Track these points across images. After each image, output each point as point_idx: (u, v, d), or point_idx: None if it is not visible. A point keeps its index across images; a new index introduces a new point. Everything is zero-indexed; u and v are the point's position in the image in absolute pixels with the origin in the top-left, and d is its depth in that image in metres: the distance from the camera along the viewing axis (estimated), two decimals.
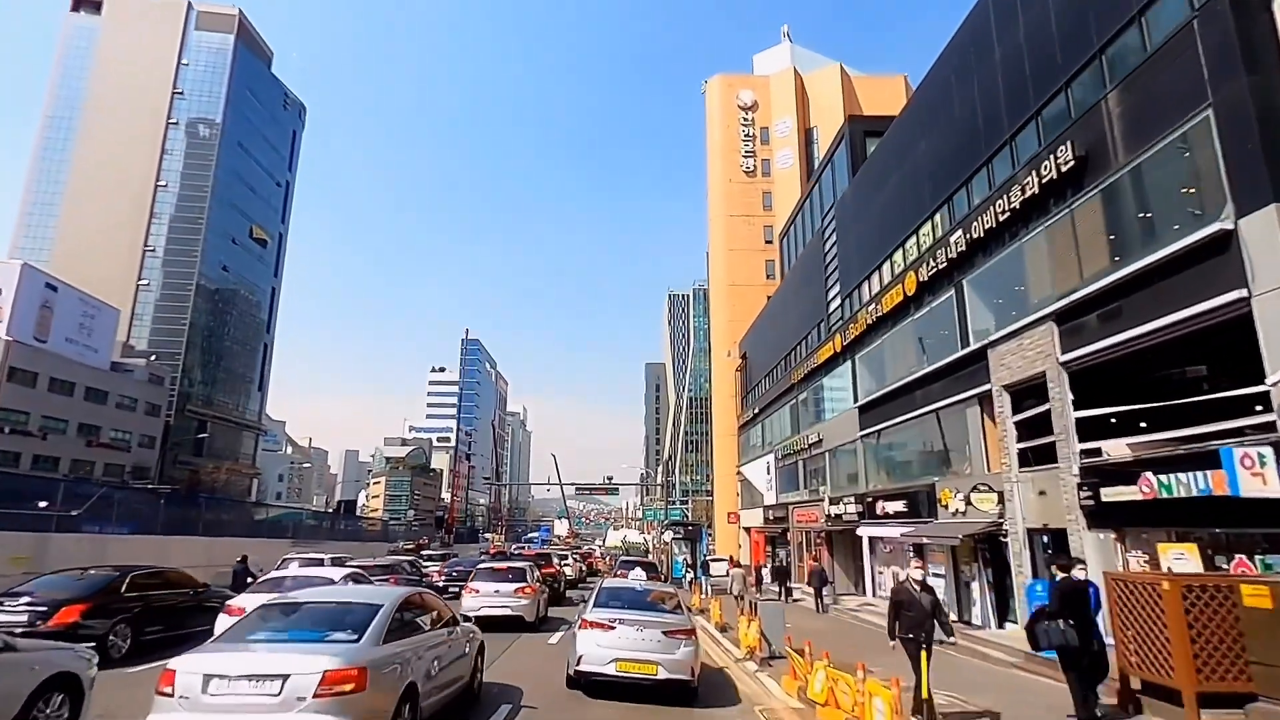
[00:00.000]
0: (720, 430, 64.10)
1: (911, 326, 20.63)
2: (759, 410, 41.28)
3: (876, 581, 23.48)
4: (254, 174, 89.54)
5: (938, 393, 18.62)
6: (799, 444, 32.01)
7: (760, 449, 41.16)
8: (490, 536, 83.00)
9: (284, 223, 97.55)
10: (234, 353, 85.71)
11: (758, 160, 68.29)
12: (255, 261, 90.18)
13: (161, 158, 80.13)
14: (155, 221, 78.58)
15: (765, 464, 39.16)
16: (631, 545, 70.18)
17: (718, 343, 66.02)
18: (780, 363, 37.26)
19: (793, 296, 35.99)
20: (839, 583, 27.19)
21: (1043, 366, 13.88)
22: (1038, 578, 13.59)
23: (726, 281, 65.22)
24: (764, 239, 66.27)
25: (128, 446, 65.88)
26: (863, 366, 24.95)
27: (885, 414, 22.33)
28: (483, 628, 15.89)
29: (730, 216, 66.79)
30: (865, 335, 24.24)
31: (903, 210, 21.61)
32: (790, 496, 34.07)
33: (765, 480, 39.17)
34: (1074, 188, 13.26)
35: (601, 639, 9.36)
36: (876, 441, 23.59)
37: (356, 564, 17.10)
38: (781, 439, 35.81)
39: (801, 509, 31.36)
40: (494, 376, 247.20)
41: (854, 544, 26.25)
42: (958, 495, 17.11)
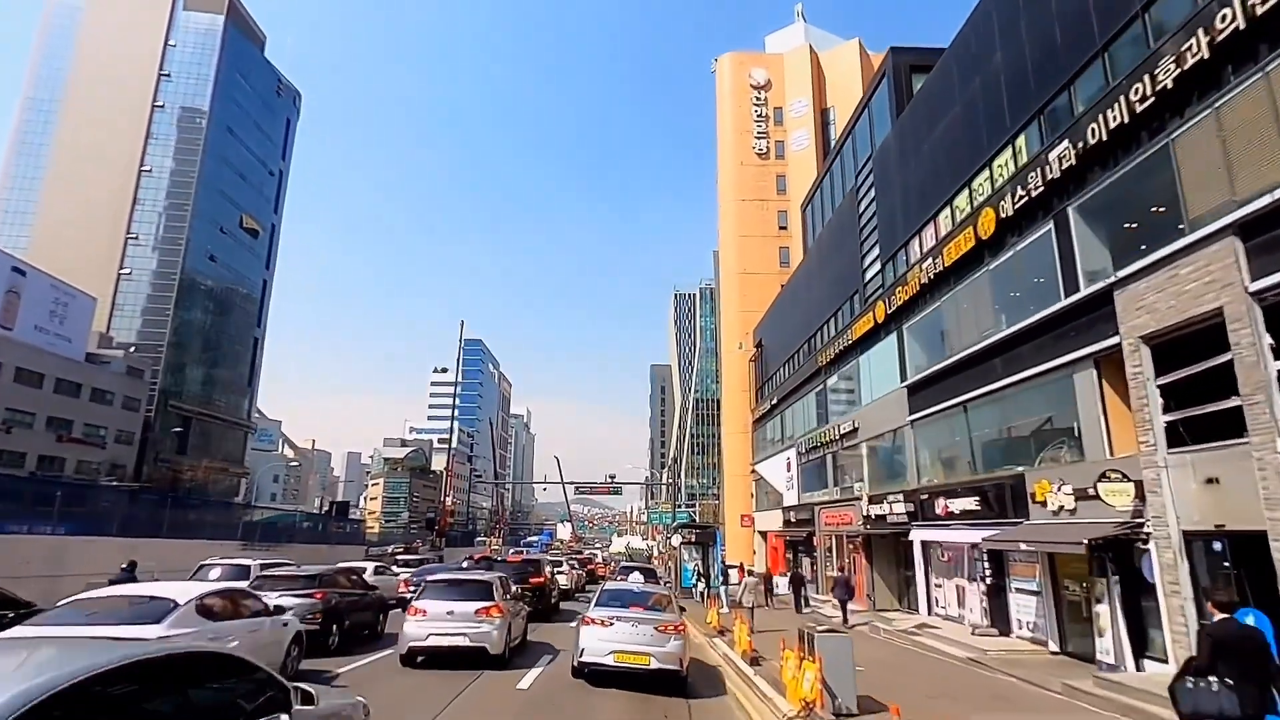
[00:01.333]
0: (730, 428, 60.08)
1: (986, 279, 16.55)
2: (777, 401, 37.20)
3: (933, 597, 19.33)
4: (245, 161, 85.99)
5: (1028, 358, 14.54)
6: (827, 435, 27.94)
7: (779, 443, 37.06)
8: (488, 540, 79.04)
9: (277, 213, 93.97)
10: (222, 347, 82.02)
11: (771, 142, 64.43)
12: (246, 252, 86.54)
13: (146, 142, 76.64)
14: (139, 208, 75.03)
15: (785, 460, 35.07)
16: (634, 551, 70.55)
17: (728, 335, 61.99)
18: (803, 346, 33.19)
19: (818, 270, 31.94)
20: (879, 596, 23.06)
21: (1217, 301, 9.80)
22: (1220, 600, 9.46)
23: (737, 269, 61.28)
24: (778, 224, 62.48)
25: (102, 442, 62.13)
26: (913, 339, 20.88)
27: (946, 392, 18.26)
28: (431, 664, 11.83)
29: (742, 201, 62.92)
30: (916, 300, 20.18)
31: (970, 141, 17.56)
32: (816, 495, 29.96)
33: (785, 478, 35.08)
34: (1274, 39, 9.22)
35: (601, 634, 10.58)
36: (933, 426, 19.50)
37: (273, 573, 13.07)
38: (805, 431, 31.71)
39: (831, 510, 27.25)
40: (497, 378, 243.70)
41: (901, 550, 22.14)
42: (1061, 488, 13.02)
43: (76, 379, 59.42)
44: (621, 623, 10.63)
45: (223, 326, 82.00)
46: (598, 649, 10.44)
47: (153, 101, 77.81)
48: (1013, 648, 14.18)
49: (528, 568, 20.24)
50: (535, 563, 20.60)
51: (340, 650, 12.66)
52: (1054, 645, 13.64)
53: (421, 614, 11.67)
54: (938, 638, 15.88)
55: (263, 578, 12.67)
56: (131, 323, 72.80)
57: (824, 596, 25.92)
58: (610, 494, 44.26)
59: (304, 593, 12.15)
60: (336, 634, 12.51)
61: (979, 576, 16.39)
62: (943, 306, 18.78)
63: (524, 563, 20.63)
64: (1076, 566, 13.17)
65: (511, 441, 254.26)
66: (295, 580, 12.50)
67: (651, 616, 10.84)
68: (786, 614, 25.34)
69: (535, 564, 20.54)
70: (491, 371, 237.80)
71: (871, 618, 21.56)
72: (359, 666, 11.88)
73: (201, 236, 77.49)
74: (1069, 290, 13.23)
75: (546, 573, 20.60)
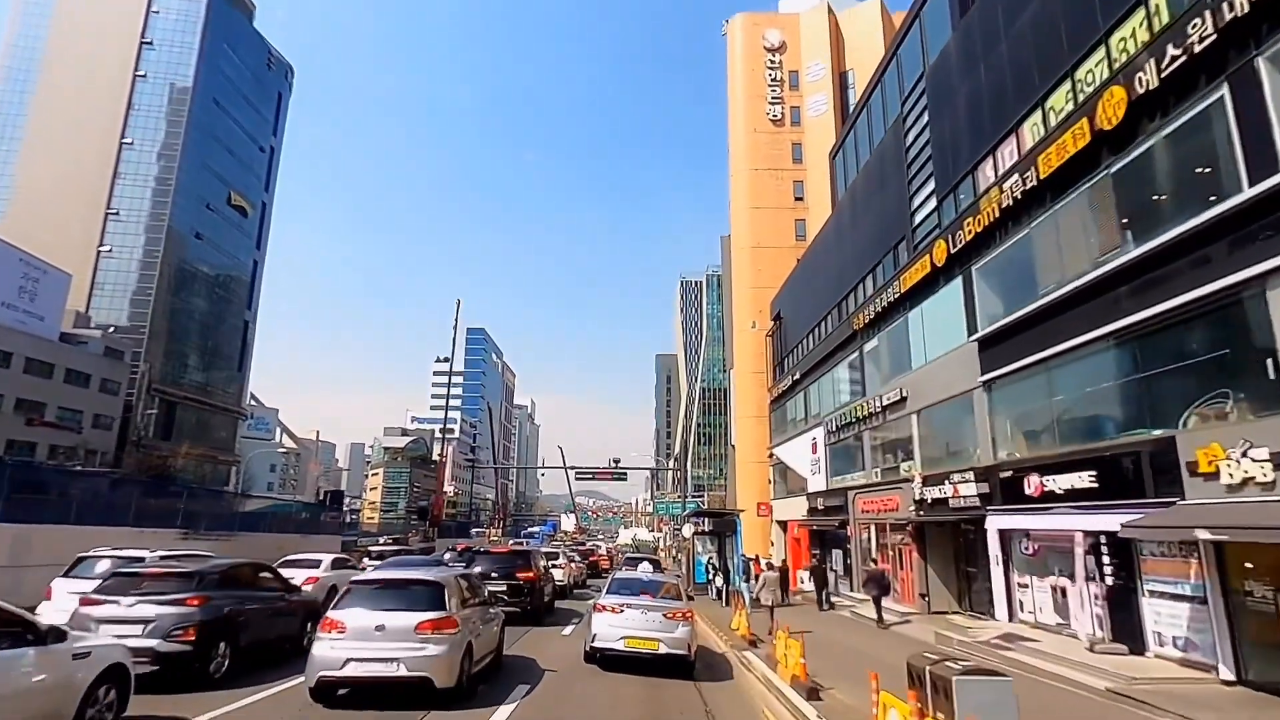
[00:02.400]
0: (742, 411, 56.34)
1: (1105, 186, 12.65)
2: (800, 376, 33.36)
3: (1015, 600, 15.53)
4: (233, 136, 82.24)
5: (1179, 280, 10.68)
6: (863, 409, 24.15)
7: (801, 423, 33.27)
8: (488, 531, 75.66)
9: (268, 191, 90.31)
10: (210, 329, 78.56)
11: (786, 108, 60.37)
12: (234, 231, 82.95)
13: (128, 113, 72.97)
14: (120, 182, 71.44)
15: (810, 440, 31.28)
16: (641, 543, 68.20)
17: (740, 313, 58.17)
18: (831, 312, 29.34)
19: (851, 224, 28.02)
20: (936, 596, 19.28)
21: None
22: None
23: (750, 243, 57.40)
24: (794, 195, 58.60)
25: (78, 427, 58.75)
26: (985, 281, 17.03)
27: (1036, 341, 14.43)
28: (354, 700, 8.44)
29: (754, 170, 58.95)
30: (991, 232, 16.32)
31: (1077, 15, 13.65)
32: (849, 479, 26.19)
33: (809, 461, 31.30)
34: None
35: (613, 620, 11.05)
36: (1017, 386, 15.69)
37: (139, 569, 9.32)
38: (835, 406, 27.89)
39: (869, 495, 23.47)
40: (500, 367, 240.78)
41: (964, 541, 18.38)
42: (1247, 453, 9.22)
43: (49, 359, 56.03)
44: (632, 610, 11.02)
45: (210, 308, 78.55)
46: (609, 634, 10.82)
47: (134, 71, 74.09)
48: (1161, 673, 10.40)
49: (516, 560, 16.60)
50: (525, 555, 16.92)
51: (236, 677, 9.01)
52: (1226, 671, 9.85)
53: (338, 630, 8.01)
54: (1041, 655, 12.09)
55: (120, 575, 8.95)
56: (112, 302, 69.35)
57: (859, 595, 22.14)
58: (614, 479, 40.78)
59: (174, 598, 8.44)
60: (226, 655, 8.86)
61: (1094, 575, 12.60)
62: (1032, 234, 14.90)
63: (511, 554, 16.96)
64: (1268, 562, 9.37)
65: (515, 432, 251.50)
66: (166, 580, 8.77)
67: (661, 604, 11.26)
68: (809, 613, 21.79)
69: (525, 556, 16.86)
70: (495, 361, 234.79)
71: (928, 622, 17.82)
72: (253, 703, 8.22)
73: (186, 213, 73.90)
74: (1258, 173, 9.36)
75: (538, 567, 16.91)
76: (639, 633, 10.75)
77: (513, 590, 15.97)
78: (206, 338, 78.12)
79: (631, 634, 10.74)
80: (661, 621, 10.86)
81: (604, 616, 11.06)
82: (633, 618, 10.92)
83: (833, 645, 13.98)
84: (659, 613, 10.97)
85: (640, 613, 10.97)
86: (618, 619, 10.95)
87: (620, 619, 10.95)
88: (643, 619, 10.90)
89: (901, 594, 21.06)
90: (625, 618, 10.94)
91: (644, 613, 10.97)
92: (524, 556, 16.63)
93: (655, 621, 10.86)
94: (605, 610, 11.11)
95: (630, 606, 11.08)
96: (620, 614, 10.99)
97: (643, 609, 11.03)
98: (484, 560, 16.49)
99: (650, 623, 10.86)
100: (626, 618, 10.94)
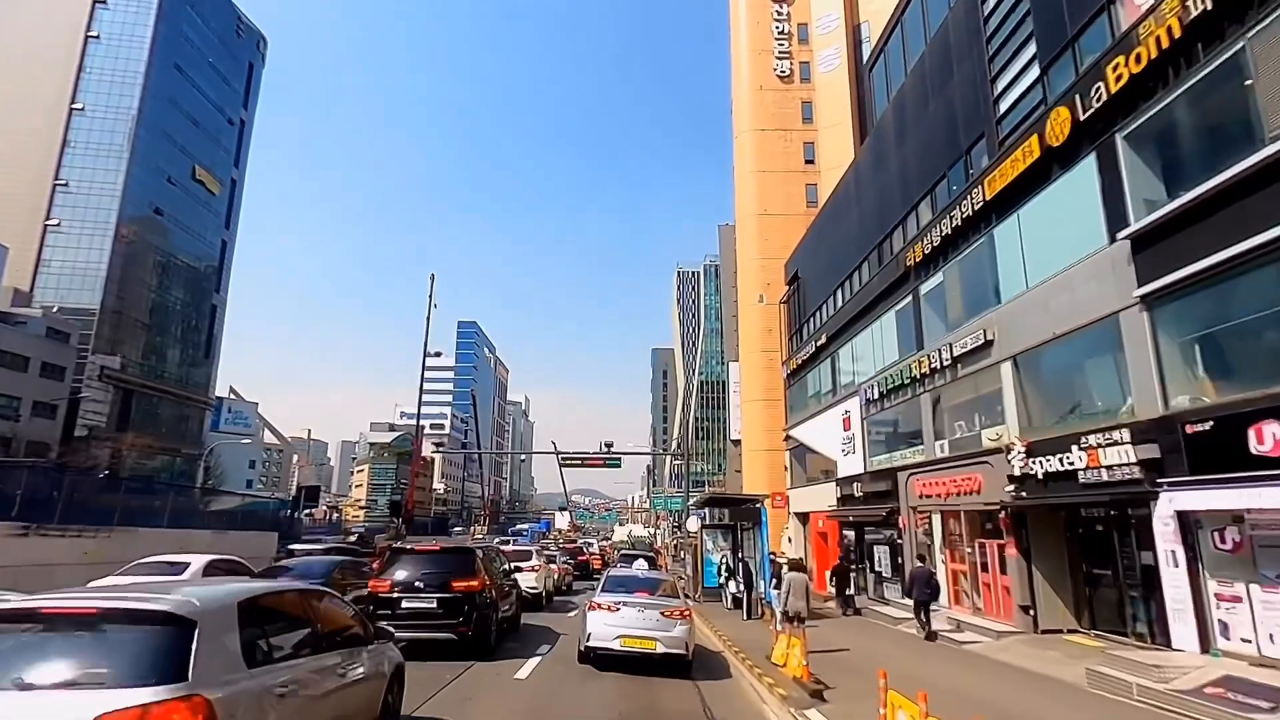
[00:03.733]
0: (750, 394, 51.08)
1: None
2: (826, 340, 28.02)
3: (1212, 618, 10.14)
4: (197, 105, 76.49)
5: None
6: (921, 366, 18.84)
7: (828, 396, 27.96)
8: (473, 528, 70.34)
9: (238, 167, 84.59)
10: (173, 313, 72.86)
11: (794, 63, 55.10)
12: (200, 208, 77.24)
13: (79, 76, 67.24)
14: (70, 150, 65.75)
15: (839, 415, 25.97)
16: (637, 540, 66.48)
17: (745, 287, 52.92)
18: (869, 257, 24.02)
19: (897, 142, 22.59)
20: (1047, 611, 13.92)
21: None
22: None
23: (755, 210, 52.16)
24: (804, 158, 53.43)
25: (15, 415, 53.13)
26: (1142, 150, 11.68)
27: (1241, 222, 9.14)
28: None
29: (760, 131, 53.71)
30: (1157, 72, 10.99)
31: None
32: (900, 456, 20.88)
33: (839, 441, 25.99)
34: None
35: (608, 619, 10.46)
36: (1204, 295, 10.37)
37: None
38: (878, 369, 22.55)
39: (930, 475, 18.14)
40: (493, 362, 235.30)
41: (1096, 532, 13.05)
42: None
43: None
44: (628, 608, 10.60)
45: (173, 290, 72.86)
46: (604, 634, 10.37)
47: (86, 30, 68.29)
48: None
49: (450, 563, 11.16)
50: (464, 555, 11.43)
51: None
52: None
53: None
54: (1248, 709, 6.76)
55: None
56: (60, 281, 63.63)
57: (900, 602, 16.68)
58: (606, 465, 35.50)
59: None
60: None
61: None
62: (1253, 48, 9.53)
63: (445, 554, 11.48)
64: None
65: (510, 429, 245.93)
66: None
67: (657, 602, 10.85)
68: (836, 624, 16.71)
69: (464, 557, 11.37)
70: (487, 356, 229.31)
71: (1037, 646, 12.54)
72: None
73: (144, 186, 68.18)
74: None
75: (486, 572, 11.46)
76: (635, 632, 10.35)
77: (446, 608, 10.59)
78: (170, 322, 72.43)
79: (628, 633, 10.33)
80: (659, 620, 10.50)
81: (599, 615, 10.58)
82: (629, 616, 10.51)
83: (908, 679, 8.54)
84: (656, 611, 10.60)
85: (636, 611, 10.57)
86: (613, 618, 10.50)
87: (615, 618, 10.50)
88: (639, 617, 10.51)
89: (988, 605, 15.73)
90: (620, 616, 10.51)
91: (640, 611, 10.58)
92: (462, 558, 11.17)
93: (652, 620, 10.49)
94: (600, 609, 10.64)
95: (626, 604, 10.65)
96: (616, 612, 10.55)
97: (639, 607, 10.63)
98: (405, 563, 11.08)
99: (647, 621, 10.48)
100: (622, 616, 10.51)
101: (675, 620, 10.49)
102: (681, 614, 10.64)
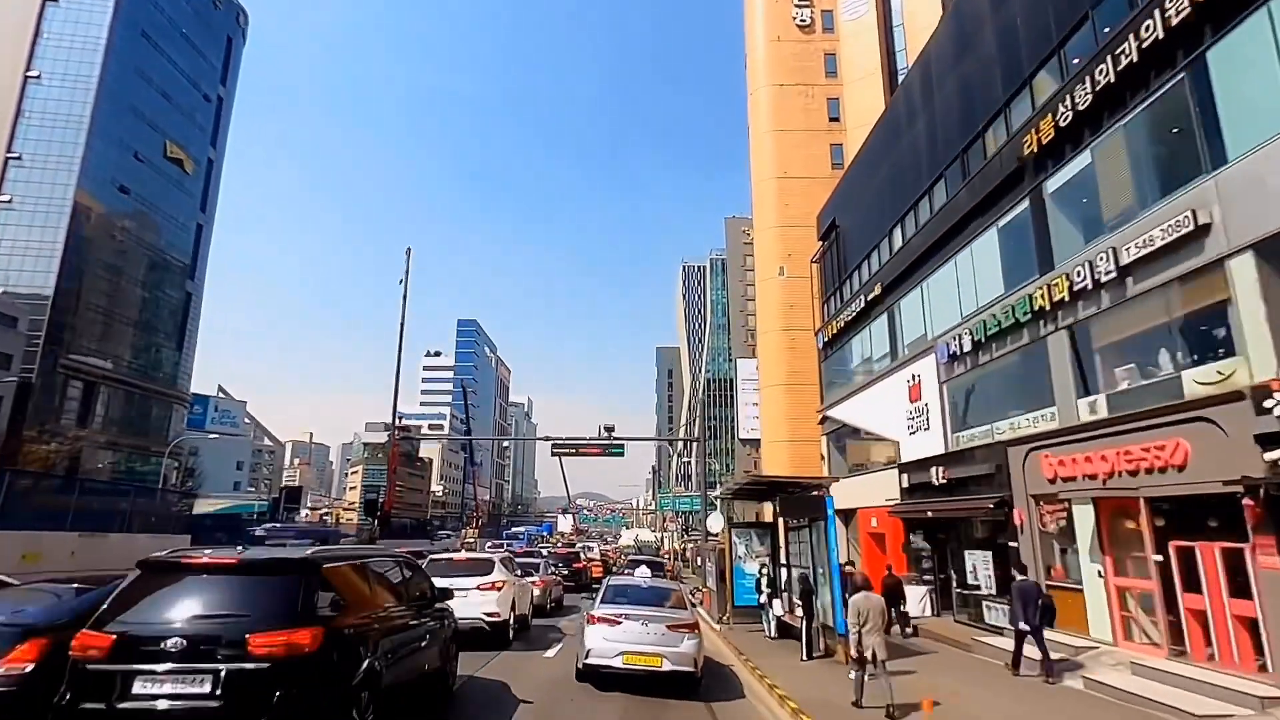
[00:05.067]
0: (768, 379, 45.40)
1: None
2: (881, 292, 22.21)
3: None
4: (169, 78, 71.15)
5: None
6: (1048, 294, 13.08)
7: (883, 362, 22.20)
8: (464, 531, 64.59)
9: (215, 146, 79.21)
10: (140, 299, 67.39)
11: (815, 10, 49.60)
12: (173, 188, 71.85)
13: (35, 40, 61.98)
14: (24, 121, 60.43)
15: (904, 382, 20.20)
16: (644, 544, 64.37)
17: (763, 259, 47.19)
18: (946, 171, 18.27)
19: (997, 5, 16.76)
20: None
21: None
22: None
23: (774, 173, 46.54)
24: (827, 115, 47.79)
25: None
26: None
27: None
28: None
29: (778, 86, 48.12)
30: None
31: None
32: (1004, 428, 15.09)
33: (903, 414, 20.19)
34: None
35: (609, 633, 9.52)
36: None
37: None
38: (967, 314, 16.75)
39: (1073, 448, 12.33)
40: (494, 362, 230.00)
41: None
42: None
43: None
44: (630, 621, 9.65)
45: (139, 275, 67.38)
46: (605, 650, 9.38)
47: None
48: None
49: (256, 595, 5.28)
50: (293, 575, 5.56)
51: None
52: None
53: None
54: None
55: None
56: (11, 262, 58.13)
57: (1006, 627, 10.71)
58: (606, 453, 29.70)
59: None
60: None
61: None
62: None
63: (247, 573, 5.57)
64: None
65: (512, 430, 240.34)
66: None
67: (662, 614, 9.91)
68: (930, 663, 11.04)
69: (287, 583, 5.47)
70: (488, 355, 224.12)
71: None
72: None
73: (106, 161, 62.79)
74: None
75: (346, 614, 5.69)
76: (639, 647, 9.29)
77: (229, 698, 4.80)
78: (137, 310, 66.93)
79: (630, 649, 9.28)
80: (664, 634, 9.45)
81: (599, 629, 9.57)
82: (632, 630, 9.48)
83: None
84: (661, 624, 9.56)
85: (640, 624, 9.54)
86: (614, 632, 9.47)
87: (617, 632, 9.47)
88: (642, 631, 9.47)
89: (1196, 646, 9.94)
90: (623, 630, 9.47)
91: (644, 624, 9.54)
92: (283, 585, 5.19)
93: (657, 634, 9.44)
94: (600, 622, 9.65)
95: (629, 617, 9.63)
96: (617, 626, 9.52)
97: (642, 620, 9.60)
98: (162, 595, 5.24)
99: (652, 636, 9.41)
100: (625, 630, 9.48)
101: (683, 634, 9.57)
102: (690, 628, 9.74)
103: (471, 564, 12.65)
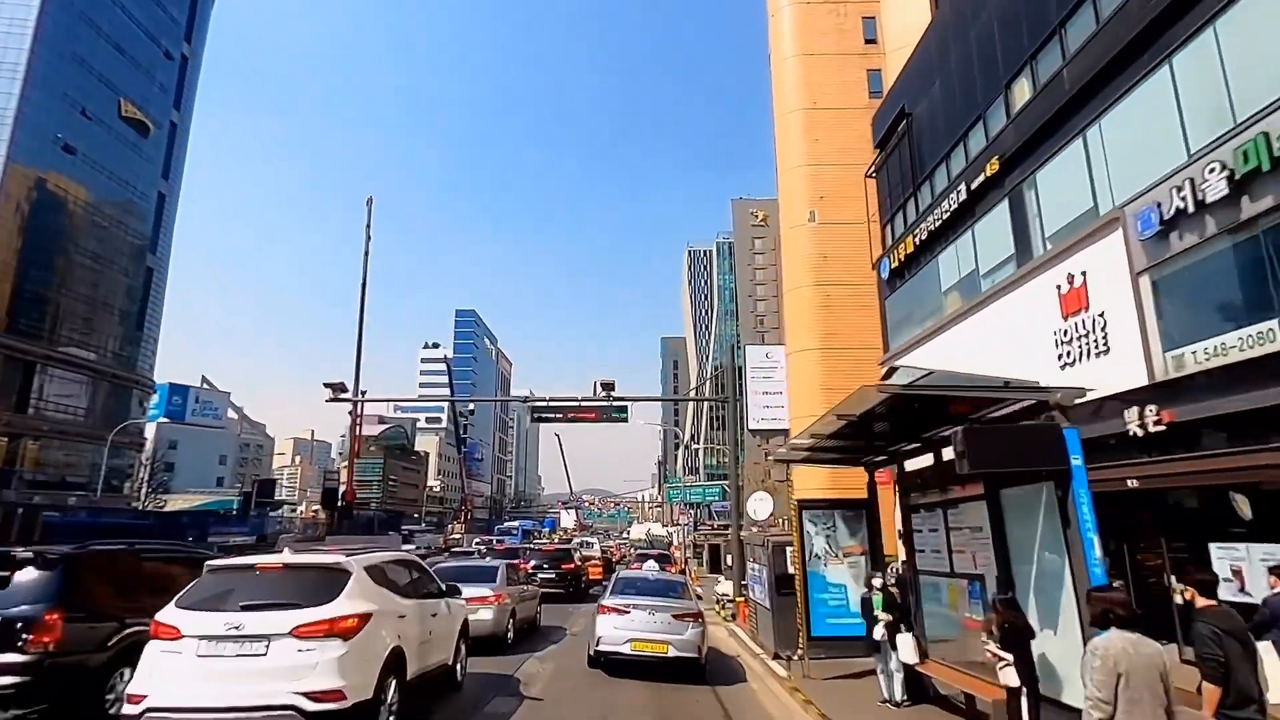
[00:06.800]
0: (800, 341, 38.53)
1: None
2: (1000, 166, 15.34)
3: None
4: (122, 29, 64.37)
5: None
6: None
7: (1003, 271, 15.35)
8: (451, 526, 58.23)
9: (179, 108, 72.44)
10: (89, 272, 60.84)
11: None
12: (129, 152, 65.18)
13: None
14: None
15: (1051, 289, 13.27)
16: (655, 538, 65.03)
17: (788, 205, 40.26)
18: None
19: None
20: None
21: None
22: None
23: (800, 104, 39.66)
24: (863, 35, 40.89)
25: None
26: None
27: None
28: None
29: (804, 4, 41.15)
30: None
31: None
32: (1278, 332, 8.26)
33: (1047, 339, 13.29)
34: None
35: (618, 622, 10.47)
36: None
37: None
38: (1215, 141, 9.89)
39: None
40: (494, 354, 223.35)
41: None
42: None
43: None
44: (638, 610, 10.55)
45: (89, 246, 60.75)
46: (615, 637, 10.36)
47: None
48: None
49: None
50: None
51: None
52: None
53: None
54: None
55: None
56: None
57: None
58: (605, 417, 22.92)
59: None
60: None
61: None
62: None
63: None
64: None
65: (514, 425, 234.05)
66: None
67: (669, 604, 10.78)
68: None
69: None
70: (488, 347, 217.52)
71: None
72: None
73: (47, 115, 56.12)
74: None
75: None
76: (646, 635, 10.26)
77: None
78: (86, 284, 60.35)
79: (638, 637, 10.25)
80: (670, 623, 10.40)
81: (609, 618, 10.53)
82: (639, 619, 10.42)
83: None
84: (667, 613, 10.50)
85: (647, 614, 10.48)
86: (623, 620, 10.43)
87: (626, 620, 10.43)
88: (650, 620, 10.41)
89: None
90: (631, 619, 10.43)
91: (651, 614, 10.48)
92: None
93: (664, 623, 10.39)
94: (610, 612, 10.58)
95: (637, 607, 10.57)
96: (626, 615, 10.48)
97: (649, 609, 10.53)
98: None
99: (658, 624, 10.38)
100: (633, 619, 10.43)
101: (688, 623, 10.35)
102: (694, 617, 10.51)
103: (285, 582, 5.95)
